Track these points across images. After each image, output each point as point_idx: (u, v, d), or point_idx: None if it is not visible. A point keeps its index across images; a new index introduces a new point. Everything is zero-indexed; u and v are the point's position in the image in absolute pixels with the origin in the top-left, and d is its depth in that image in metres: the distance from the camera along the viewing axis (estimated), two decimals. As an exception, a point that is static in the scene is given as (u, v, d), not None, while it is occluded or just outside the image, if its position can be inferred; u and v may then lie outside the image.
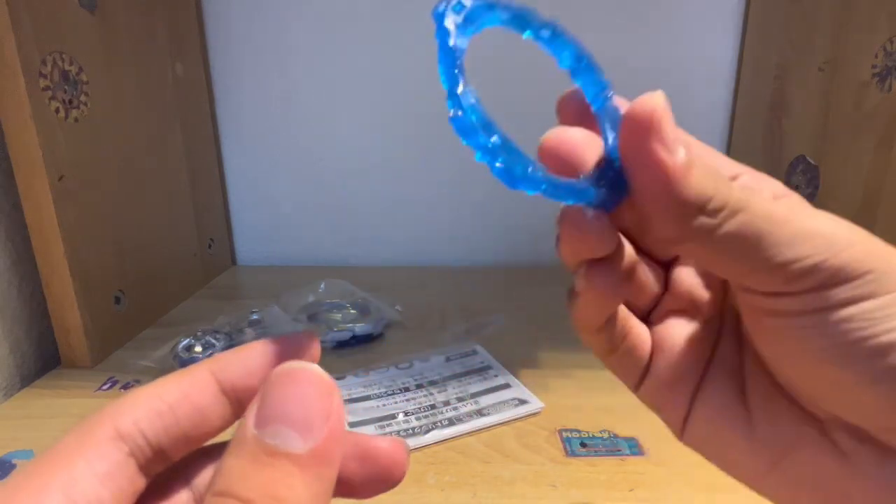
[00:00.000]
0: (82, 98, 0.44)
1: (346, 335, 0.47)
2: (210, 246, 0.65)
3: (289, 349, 0.16)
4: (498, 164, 0.16)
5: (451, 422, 0.36)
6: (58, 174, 0.41)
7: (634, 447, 0.34)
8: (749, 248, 0.15)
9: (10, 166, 0.40)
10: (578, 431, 0.36)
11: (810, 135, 0.51)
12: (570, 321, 0.19)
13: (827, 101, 0.49)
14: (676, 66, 0.65)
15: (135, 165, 0.51)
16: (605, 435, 0.35)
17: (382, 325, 0.50)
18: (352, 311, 0.52)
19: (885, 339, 0.15)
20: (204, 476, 0.17)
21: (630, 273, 0.19)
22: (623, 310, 0.20)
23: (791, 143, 0.54)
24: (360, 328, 0.48)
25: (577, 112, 0.18)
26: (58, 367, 0.45)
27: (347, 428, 0.36)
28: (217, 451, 0.17)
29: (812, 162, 0.51)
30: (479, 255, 0.71)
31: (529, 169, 0.16)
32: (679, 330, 0.20)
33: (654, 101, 0.15)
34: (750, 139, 0.61)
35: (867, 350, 0.15)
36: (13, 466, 0.33)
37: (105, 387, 0.42)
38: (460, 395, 0.39)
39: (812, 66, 0.50)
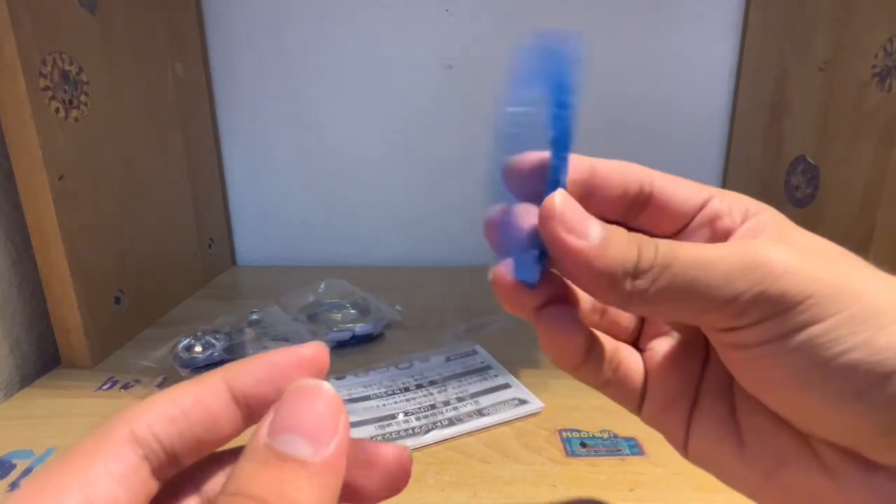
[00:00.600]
0: (82, 98, 0.44)
1: (346, 335, 0.47)
2: (210, 246, 0.65)
3: (299, 359, 0.17)
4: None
5: (451, 422, 0.36)
6: (58, 174, 0.41)
7: (634, 447, 0.34)
8: (688, 294, 0.16)
9: (10, 166, 0.40)
10: (578, 431, 0.36)
11: (810, 135, 0.51)
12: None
13: (827, 101, 0.49)
14: (677, 66, 0.65)
15: (135, 165, 0.51)
16: (605, 435, 0.35)
17: (382, 325, 0.50)
18: (352, 311, 0.51)
19: (841, 361, 0.15)
20: (214, 482, 0.17)
21: (594, 312, 0.21)
22: (612, 342, 0.21)
23: (791, 144, 0.54)
24: (360, 328, 0.48)
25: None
26: (58, 366, 0.45)
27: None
28: (227, 458, 0.17)
29: (812, 162, 0.51)
30: (479, 255, 0.71)
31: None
32: (666, 355, 0.21)
33: (553, 200, 0.17)
34: (750, 139, 0.61)
35: (827, 374, 0.15)
36: (13, 466, 0.33)
37: (105, 387, 0.42)
38: (460, 395, 0.39)
39: (812, 66, 0.50)
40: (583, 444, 0.34)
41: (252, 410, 0.16)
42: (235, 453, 0.17)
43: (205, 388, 0.16)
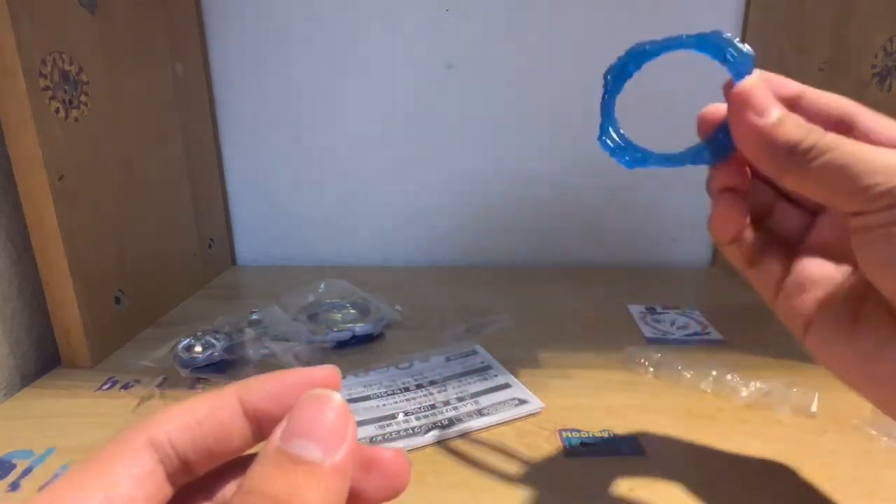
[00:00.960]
0: (82, 98, 0.44)
1: (346, 335, 0.47)
2: (210, 246, 0.65)
3: (311, 380, 0.18)
4: (626, 159, 0.27)
5: (451, 422, 0.36)
6: (58, 174, 0.41)
7: (634, 447, 0.34)
8: (836, 177, 0.20)
9: (10, 166, 0.40)
10: (578, 431, 0.36)
11: (810, 135, 0.51)
12: (570, 320, 0.20)
13: (827, 101, 0.48)
14: (676, 64, 0.64)
15: (135, 165, 0.51)
16: (605, 435, 0.35)
17: (382, 324, 0.50)
18: (352, 311, 0.51)
19: None
20: (225, 491, 0.18)
21: (761, 208, 0.26)
22: (764, 239, 0.26)
23: (791, 143, 0.54)
24: (360, 328, 0.48)
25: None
26: (58, 367, 0.45)
27: None
28: (239, 468, 0.18)
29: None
30: (480, 255, 0.71)
31: (640, 155, 0.27)
32: (814, 266, 0.25)
33: (749, 81, 0.23)
34: (750, 139, 0.61)
35: None
36: (13, 466, 0.33)
37: (105, 387, 0.42)
38: (460, 394, 0.39)
39: (812, 66, 0.50)
40: (583, 444, 0.34)
41: (262, 425, 0.17)
42: (247, 464, 0.18)
43: (219, 400, 0.17)
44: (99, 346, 0.46)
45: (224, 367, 0.43)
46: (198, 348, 0.43)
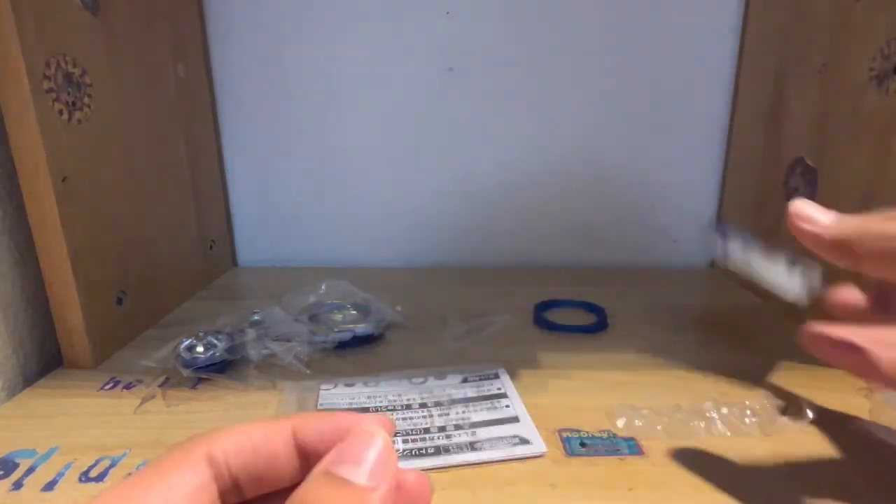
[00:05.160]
0: (85, 100, 0.44)
1: (347, 336, 0.47)
2: (211, 247, 0.66)
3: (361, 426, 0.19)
4: None
5: (439, 451, 0.34)
6: (61, 176, 0.41)
7: (633, 447, 0.34)
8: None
9: (14, 168, 0.41)
10: (578, 431, 0.36)
11: (809, 137, 0.51)
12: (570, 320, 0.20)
13: (825, 104, 0.49)
14: (676, 67, 0.65)
15: (137, 167, 0.51)
16: (605, 435, 0.36)
17: (383, 325, 0.50)
18: (352, 312, 0.52)
19: None
20: None
21: None
22: None
23: (790, 146, 0.54)
24: (360, 329, 0.48)
25: None
26: (60, 367, 0.45)
27: None
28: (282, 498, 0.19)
29: (811, 164, 0.51)
30: (479, 256, 0.71)
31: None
32: None
33: (793, 204, 0.29)
34: (749, 141, 0.61)
35: None
36: (16, 465, 0.33)
37: (107, 387, 0.42)
38: (459, 422, 0.37)
39: (811, 68, 0.50)
40: (582, 444, 0.35)
41: (308, 462, 0.18)
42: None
43: (275, 429, 0.18)
44: (101, 346, 0.46)
45: (226, 368, 0.43)
46: (199, 348, 0.43)
